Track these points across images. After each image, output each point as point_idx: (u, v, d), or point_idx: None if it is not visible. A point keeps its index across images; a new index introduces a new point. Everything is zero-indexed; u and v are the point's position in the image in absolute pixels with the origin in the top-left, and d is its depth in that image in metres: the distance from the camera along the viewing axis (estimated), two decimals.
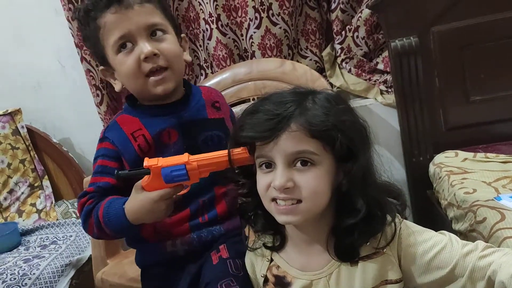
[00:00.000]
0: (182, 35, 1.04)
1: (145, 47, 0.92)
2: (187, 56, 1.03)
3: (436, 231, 0.79)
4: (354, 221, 0.74)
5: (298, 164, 0.72)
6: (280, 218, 0.76)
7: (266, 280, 0.83)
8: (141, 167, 0.90)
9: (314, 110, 0.72)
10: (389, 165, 0.82)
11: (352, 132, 0.73)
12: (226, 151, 0.80)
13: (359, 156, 0.72)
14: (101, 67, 1.02)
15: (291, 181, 0.72)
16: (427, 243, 0.76)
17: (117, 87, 1.02)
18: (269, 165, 0.75)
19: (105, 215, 0.90)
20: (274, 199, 0.75)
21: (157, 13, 0.97)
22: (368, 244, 0.77)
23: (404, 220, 0.80)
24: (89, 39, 0.99)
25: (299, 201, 0.73)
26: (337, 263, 0.78)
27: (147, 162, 0.84)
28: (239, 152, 0.79)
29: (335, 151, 0.72)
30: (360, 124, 0.76)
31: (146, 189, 0.86)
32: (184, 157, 0.83)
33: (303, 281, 0.79)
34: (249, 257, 0.89)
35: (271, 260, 0.84)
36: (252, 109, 0.76)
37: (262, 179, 0.76)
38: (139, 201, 0.87)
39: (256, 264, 0.86)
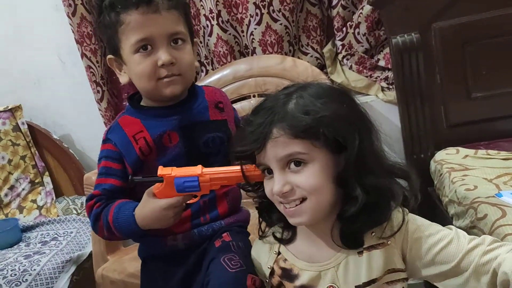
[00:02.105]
0: (195, 39, 1.04)
1: (164, 55, 0.92)
2: (196, 63, 1.04)
3: None
4: (354, 210, 0.73)
5: (292, 166, 0.74)
6: (290, 220, 0.78)
7: (272, 272, 0.84)
8: (142, 168, 0.93)
9: (294, 111, 0.73)
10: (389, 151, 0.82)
11: (335, 123, 0.72)
12: (238, 167, 0.83)
13: (348, 144, 0.72)
14: (110, 56, 1.01)
15: (288, 184, 0.74)
16: (434, 238, 0.76)
17: (123, 79, 1.01)
18: (270, 171, 0.77)
19: (115, 220, 0.92)
20: (282, 202, 0.77)
21: (181, 20, 0.97)
22: (373, 234, 0.77)
23: (411, 214, 0.79)
24: (105, 28, 0.98)
25: (304, 199, 0.75)
26: (345, 253, 0.78)
27: (161, 170, 0.87)
28: (251, 169, 0.81)
29: (326, 145, 0.73)
30: (344, 113, 0.74)
31: (157, 196, 0.88)
32: (198, 169, 0.86)
33: (311, 272, 0.80)
34: (255, 249, 0.90)
35: (279, 253, 0.85)
36: (243, 123, 0.80)
37: (267, 186, 0.79)
38: (148, 208, 0.89)
39: (262, 256, 0.87)
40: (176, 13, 0.95)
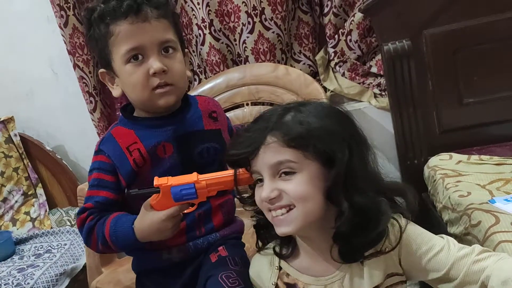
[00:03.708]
0: (186, 50, 1.04)
1: (155, 63, 0.92)
2: (188, 72, 1.03)
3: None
4: (341, 224, 0.74)
5: (283, 175, 0.75)
6: (277, 230, 0.78)
7: None
8: (135, 180, 0.92)
9: (290, 122, 0.76)
10: (384, 168, 0.82)
11: (325, 136, 0.74)
12: (233, 171, 0.83)
13: (337, 159, 0.73)
14: (102, 70, 1.00)
15: (276, 190, 0.75)
16: (425, 245, 0.77)
17: (116, 92, 1.00)
18: (262, 179, 0.78)
19: (112, 233, 0.91)
20: (270, 210, 0.77)
21: (171, 29, 0.96)
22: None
23: (405, 221, 0.79)
24: (95, 41, 0.97)
25: (291, 207, 0.75)
26: (348, 265, 0.79)
27: (157, 181, 0.86)
28: (243, 172, 0.82)
29: (317, 157, 0.74)
30: (335, 128, 0.75)
31: (155, 208, 0.87)
32: (193, 177, 0.85)
33: (316, 287, 0.80)
34: (254, 267, 0.89)
35: (280, 268, 0.84)
36: (242, 129, 0.81)
37: (257, 193, 0.79)
38: (148, 220, 0.88)
39: (263, 273, 0.86)
40: (165, 22, 0.95)
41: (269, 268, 0.85)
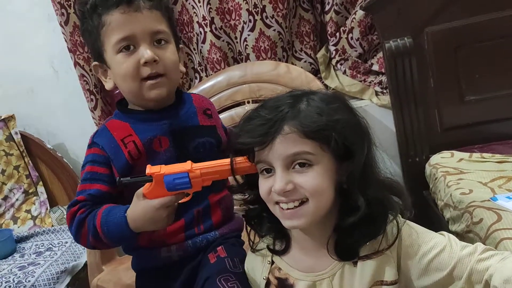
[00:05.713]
0: (181, 46, 1.03)
1: (146, 52, 0.91)
2: (182, 67, 1.02)
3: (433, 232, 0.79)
4: (355, 219, 0.73)
5: (297, 166, 0.73)
6: (286, 223, 0.76)
7: (268, 283, 0.83)
8: (130, 174, 0.89)
9: (307, 111, 0.73)
10: (385, 166, 0.81)
11: (347, 130, 0.72)
12: (229, 160, 0.81)
13: (356, 153, 0.72)
14: (95, 63, 1.00)
15: (291, 183, 0.73)
16: (427, 245, 0.76)
17: (108, 85, 1.00)
18: (269, 170, 0.75)
19: (103, 224, 0.88)
20: (277, 202, 0.75)
21: (163, 21, 0.96)
22: (368, 244, 0.77)
23: (407, 221, 0.79)
24: (89, 33, 0.97)
25: (304, 201, 0.73)
26: (340, 263, 0.78)
27: (150, 169, 0.83)
28: (241, 161, 0.80)
29: (333, 150, 0.72)
30: (356, 122, 0.76)
31: (147, 197, 0.84)
32: (187, 165, 0.82)
33: (306, 282, 0.79)
34: (249, 261, 0.89)
35: (272, 262, 0.83)
36: (248, 116, 0.78)
37: (264, 184, 0.76)
38: (141, 209, 0.85)
39: (256, 267, 0.86)
40: (158, 13, 0.94)
41: (261, 263, 0.85)
